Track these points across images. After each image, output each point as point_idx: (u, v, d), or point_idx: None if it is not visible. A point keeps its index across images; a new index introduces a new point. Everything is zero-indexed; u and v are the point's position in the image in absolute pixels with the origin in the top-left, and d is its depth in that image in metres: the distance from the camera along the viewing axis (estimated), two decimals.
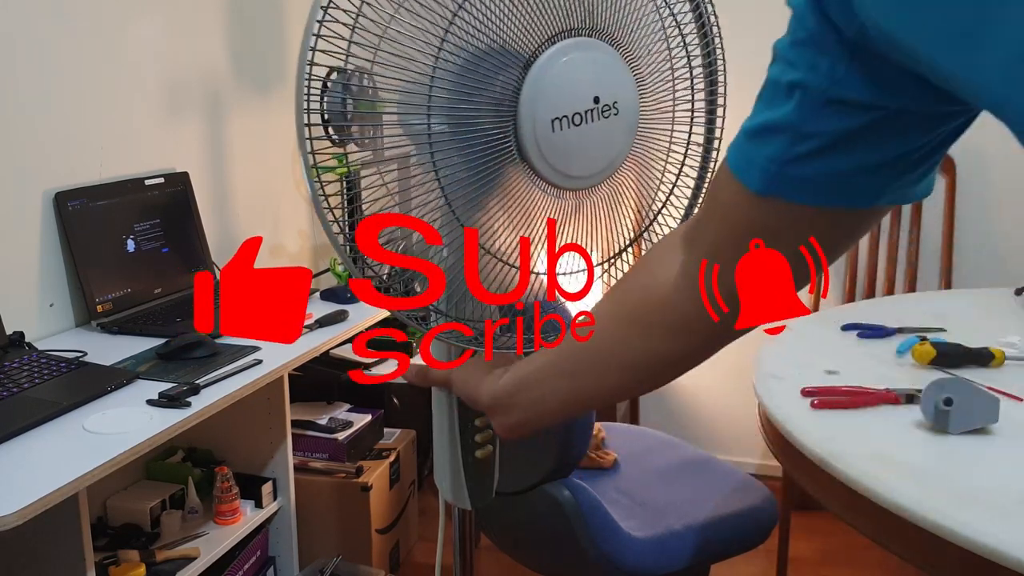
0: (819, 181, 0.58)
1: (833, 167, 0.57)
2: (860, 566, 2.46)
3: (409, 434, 2.49)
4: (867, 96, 0.54)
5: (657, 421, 3.00)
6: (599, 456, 1.86)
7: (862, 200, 0.60)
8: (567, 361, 0.78)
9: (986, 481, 1.13)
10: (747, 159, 0.61)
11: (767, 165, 0.59)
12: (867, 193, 0.60)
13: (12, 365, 1.59)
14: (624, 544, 1.54)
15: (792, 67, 0.57)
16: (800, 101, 0.56)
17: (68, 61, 1.92)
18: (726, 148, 0.66)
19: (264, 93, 2.64)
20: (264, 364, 1.69)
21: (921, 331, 1.70)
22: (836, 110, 0.55)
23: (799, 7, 0.56)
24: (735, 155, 0.62)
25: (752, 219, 0.62)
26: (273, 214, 2.71)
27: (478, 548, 2.50)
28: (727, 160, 0.63)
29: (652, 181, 0.98)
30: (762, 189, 0.60)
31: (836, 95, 0.55)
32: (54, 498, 1.20)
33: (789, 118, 0.57)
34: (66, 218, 1.87)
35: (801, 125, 0.57)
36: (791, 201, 0.60)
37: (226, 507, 1.88)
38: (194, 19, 2.32)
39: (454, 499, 0.98)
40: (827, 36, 0.54)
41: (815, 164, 0.57)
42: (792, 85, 0.57)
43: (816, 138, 0.57)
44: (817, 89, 0.55)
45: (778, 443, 1.38)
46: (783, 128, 0.58)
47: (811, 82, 0.55)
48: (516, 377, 0.81)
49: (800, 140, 0.57)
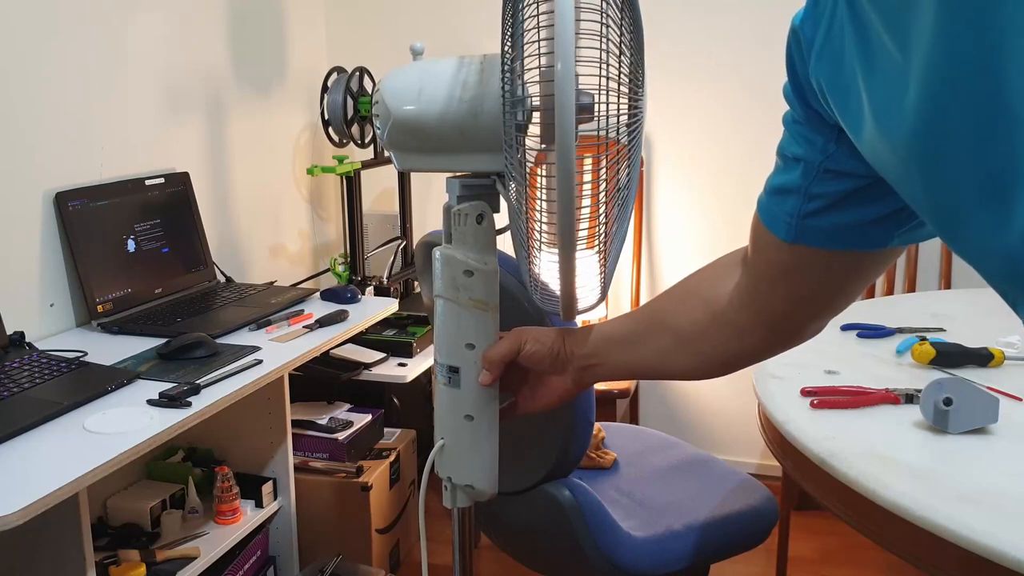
0: (834, 231, 0.70)
1: (842, 220, 0.69)
2: (860, 566, 2.46)
3: (409, 434, 2.49)
4: (856, 168, 0.65)
5: (657, 421, 3.00)
6: (599, 456, 1.86)
7: (874, 244, 0.71)
8: (652, 336, 0.89)
9: (986, 481, 1.13)
10: (772, 214, 0.73)
11: (788, 219, 0.71)
12: (877, 239, 0.70)
13: (12, 365, 1.59)
14: (624, 544, 1.54)
15: (795, 142, 0.69)
16: (804, 170, 0.68)
17: (68, 61, 1.92)
18: None
19: (264, 93, 2.64)
20: (264, 364, 1.69)
21: (921, 331, 1.70)
22: (833, 177, 0.67)
23: (790, 98, 0.67)
24: (764, 210, 0.75)
25: (784, 260, 0.75)
26: (273, 214, 2.71)
27: (478, 548, 2.50)
28: (758, 213, 0.76)
29: None
30: (788, 238, 0.72)
31: (831, 167, 0.67)
32: (54, 498, 1.20)
33: (797, 183, 0.69)
34: (66, 218, 1.87)
35: (808, 188, 0.69)
36: (814, 247, 0.71)
37: (226, 507, 1.89)
38: (194, 19, 2.32)
39: (488, 486, 0.97)
40: (816, 121, 0.65)
41: (827, 218, 0.69)
42: (796, 157, 0.69)
43: (822, 198, 0.68)
44: (815, 162, 0.67)
45: (778, 443, 1.38)
46: (794, 190, 0.70)
47: (809, 157, 0.67)
48: (599, 335, 0.92)
49: (809, 200, 0.69)
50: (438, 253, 0.93)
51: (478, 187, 0.93)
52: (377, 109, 0.93)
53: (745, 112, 2.69)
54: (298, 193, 2.85)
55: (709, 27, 2.69)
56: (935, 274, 2.64)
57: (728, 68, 2.70)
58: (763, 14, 2.64)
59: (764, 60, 2.64)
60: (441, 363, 0.95)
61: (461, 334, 0.93)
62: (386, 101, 0.92)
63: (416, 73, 0.93)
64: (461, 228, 0.92)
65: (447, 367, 0.94)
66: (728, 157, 2.74)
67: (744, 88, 2.68)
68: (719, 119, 2.74)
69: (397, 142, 0.94)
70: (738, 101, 2.69)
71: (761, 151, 2.68)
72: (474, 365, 0.93)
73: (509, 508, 1.61)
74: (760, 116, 2.67)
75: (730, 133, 2.72)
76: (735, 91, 2.69)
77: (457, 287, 0.92)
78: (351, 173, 2.52)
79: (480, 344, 0.93)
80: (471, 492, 0.98)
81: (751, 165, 2.71)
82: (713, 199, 2.79)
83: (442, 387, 0.96)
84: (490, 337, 0.94)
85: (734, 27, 2.67)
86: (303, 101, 2.84)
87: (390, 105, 0.91)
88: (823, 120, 0.64)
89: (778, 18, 2.62)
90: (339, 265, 2.61)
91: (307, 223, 2.91)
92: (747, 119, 2.69)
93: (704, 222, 2.82)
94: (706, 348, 0.86)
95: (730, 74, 2.70)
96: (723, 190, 2.77)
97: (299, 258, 2.87)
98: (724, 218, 2.79)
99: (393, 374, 2.34)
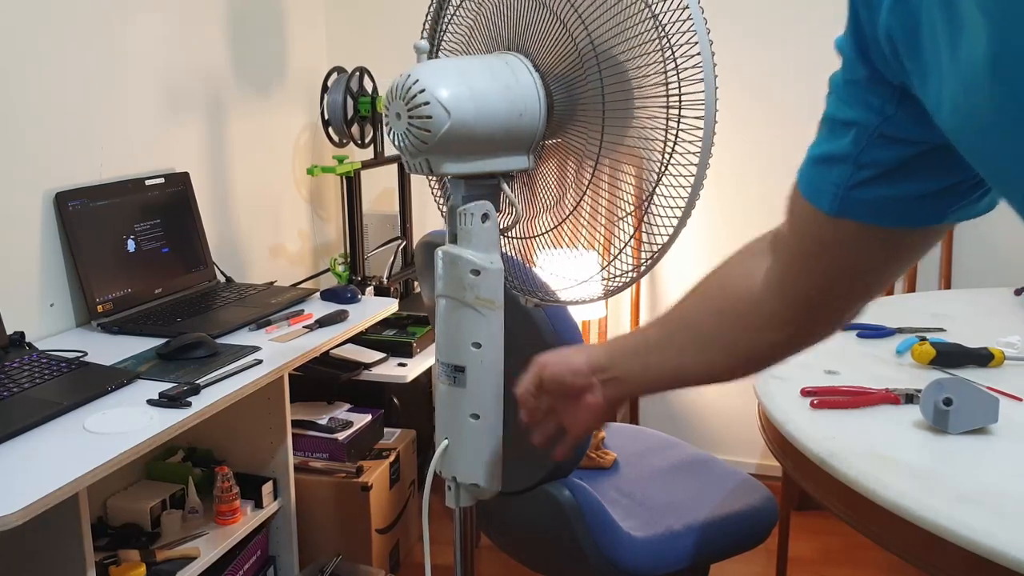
0: (883, 204, 0.64)
1: (894, 192, 0.63)
2: (860, 566, 2.46)
3: (409, 434, 2.49)
4: (916, 134, 0.59)
5: (657, 421, 3.00)
6: (599, 456, 1.86)
7: (925, 220, 0.65)
8: (670, 339, 0.85)
9: (986, 481, 1.13)
10: (816, 185, 0.67)
11: (835, 190, 0.65)
12: (930, 214, 0.65)
13: (13, 365, 1.59)
14: (624, 544, 1.54)
15: (847, 105, 0.62)
16: (856, 136, 0.62)
17: (68, 61, 1.92)
18: None
19: (264, 93, 2.64)
20: (264, 364, 1.69)
21: (921, 331, 1.70)
22: (888, 143, 0.61)
23: (848, 55, 0.60)
24: (805, 180, 0.68)
25: (824, 236, 0.68)
26: (273, 214, 2.71)
27: (478, 548, 2.50)
28: (797, 184, 0.69)
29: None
30: (832, 210, 0.65)
31: (888, 131, 0.60)
32: (54, 498, 1.20)
33: (848, 149, 0.63)
34: (66, 218, 1.87)
35: (859, 156, 0.62)
36: (860, 221, 0.65)
37: (226, 507, 1.88)
38: (194, 19, 2.32)
39: (493, 484, 0.97)
40: (876, 80, 0.59)
41: (877, 189, 0.63)
42: (848, 122, 0.62)
43: (873, 167, 0.62)
44: (870, 126, 0.61)
45: (778, 443, 1.38)
46: (843, 158, 0.63)
47: (864, 120, 0.61)
48: (614, 348, 0.89)
49: (859, 168, 0.63)
50: (442, 253, 0.93)
51: (482, 187, 0.93)
52: (427, 111, 0.88)
53: (745, 112, 2.69)
54: (298, 193, 2.85)
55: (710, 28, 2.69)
56: (935, 274, 2.64)
57: (729, 68, 2.71)
58: (763, 15, 2.64)
59: (765, 60, 2.64)
60: (445, 363, 0.95)
61: (467, 333, 0.93)
62: (443, 103, 0.87)
63: (454, 74, 0.89)
64: (466, 227, 0.92)
65: (452, 366, 0.94)
66: (728, 157, 2.74)
67: (744, 88, 2.68)
68: (719, 119, 2.73)
69: (445, 146, 0.90)
70: (738, 101, 2.69)
71: (761, 151, 2.68)
72: (480, 364, 0.93)
73: (509, 508, 1.61)
74: (759, 116, 2.67)
75: (730, 133, 2.72)
76: (735, 91, 2.69)
77: (464, 286, 0.92)
78: (351, 173, 2.52)
79: (486, 343, 0.93)
80: (475, 491, 0.98)
81: (751, 165, 2.71)
82: (713, 199, 2.79)
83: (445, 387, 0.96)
84: (497, 336, 0.94)
85: (735, 28, 2.67)
86: (303, 101, 2.84)
87: (449, 107, 0.88)
88: (884, 79, 0.58)
89: (777, 19, 2.62)
90: (339, 265, 2.61)
91: (307, 223, 2.91)
92: (747, 119, 2.69)
93: (704, 222, 2.82)
94: (731, 343, 0.81)
95: (730, 74, 2.70)
96: (723, 190, 2.77)
97: (299, 258, 2.87)
98: (724, 218, 2.79)
99: (393, 374, 2.34)
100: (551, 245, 1.03)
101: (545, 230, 1.02)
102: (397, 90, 0.90)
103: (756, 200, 2.73)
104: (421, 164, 0.93)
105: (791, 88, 2.63)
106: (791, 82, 2.63)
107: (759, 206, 2.73)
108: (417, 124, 0.88)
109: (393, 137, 0.93)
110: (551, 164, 1.03)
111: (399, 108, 0.90)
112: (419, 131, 0.89)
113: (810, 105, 2.57)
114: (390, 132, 0.93)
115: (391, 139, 0.94)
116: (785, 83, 2.63)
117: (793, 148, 2.57)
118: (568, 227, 0.96)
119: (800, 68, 2.61)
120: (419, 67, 0.91)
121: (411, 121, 0.89)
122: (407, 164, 0.95)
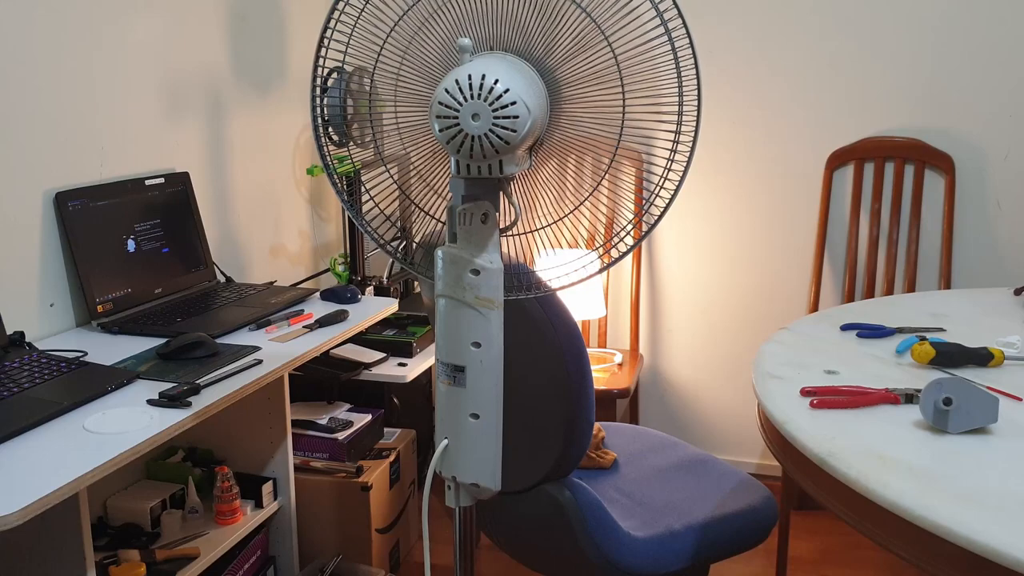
0: None
1: None
2: (860, 566, 2.46)
3: (409, 434, 2.49)
4: None
5: (657, 421, 3.00)
6: (599, 456, 1.86)
7: None
8: None
9: (986, 481, 1.13)
10: None
11: None
12: None
13: (12, 365, 1.59)
14: (624, 544, 1.54)
15: None
16: None
17: (68, 61, 1.92)
18: None
19: (264, 93, 2.64)
20: (264, 364, 1.69)
21: (920, 331, 1.70)
22: None
23: None
24: None
25: None
26: (273, 214, 2.71)
27: (478, 548, 2.50)
28: None
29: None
30: None
31: None
32: (54, 498, 1.20)
33: None
34: (66, 218, 1.87)
35: None
36: None
37: (226, 507, 1.89)
38: (194, 19, 2.32)
39: (493, 483, 0.97)
40: None
41: None
42: None
43: None
44: None
45: (778, 443, 1.38)
46: None
47: None
48: None
49: None
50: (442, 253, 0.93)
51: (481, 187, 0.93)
52: (514, 111, 0.86)
53: (744, 113, 2.69)
54: (298, 193, 2.85)
55: (710, 29, 2.70)
56: (935, 274, 2.64)
57: (727, 71, 2.71)
58: (762, 17, 2.64)
59: (763, 62, 2.64)
60: (445, 363, 0.95)
61: (467, 333, 0.93)
62: (526, 102, 0.86)
63: (511, 73, 0.87)
64: (467, 227, 0.92)
65: (452, 366, 0.94)
66: (727, 157, 2.74)
67: (743, 90, 2.68)
68: (718, 120, 2.74)
69: (520, 145, 0.89)
70: (737, 102, 2.69)
71: (759, 152, 2.68)
72: (480, 364, 0.93)
73: (509, 508, 1.61)
74: (758, 117, 2.67)
75: (729, 133, 2.72)
76: (734, 93, 2.69)
77: (464, 286, 0.92)
78: (351, 173, 2.52)
79: (486, 343, 0.93)
80: (475, 490, 0.98)
81: (750, 165, 2.71)
82: (713, 198, 2.79)
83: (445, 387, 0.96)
84: (496, 336, 0.94)
85: (734, 30, 2.67)
86: (303, 101, 2.84)
87: (530, 105, 0.87)
88: None
89: (777, 20, 2.62)
90: (339, 265, 2.61)
91: (307, 223, 2.91)
92: (746, 119, 2.69)
93: (704, 221, 2.82)
94: None
95: (730, 76, 2.70)
96: (723, 189, 2.77)
97: (299, 258, 2.87)
98: (724, 217, 2.79)
99: (393, 374, 2.34)
100: (551, 245, 1.04)
101: (543, 225, 1.02)
102: (472, 90, 0.86)
103: (754, 199, 2.74)
104: (493, 166, 0.90)
105: (790, 83, 2.63)
106: (790, 78, 2.63)
107: (756, 201, 2.73)
108: (503, 124, 0.86)
109: (460, 140, 0.87)
110: (551, 164, 1.03)
111: (478, 108, 0.86)
112: (504, 131, 0.87)
113: (805, 102, 2.57)
114: (454, 135, 0.88)
115: (452, 142, 0.87)
116: (784, 78, 2.64)
117: (789, 140, 2.57)
118: (568, 223, 0.96)
119: (798, 64, 2.61)
120: (487, 66, 0.87)
121: (496, 121, 0.87)
122: (468, 167, 0.89)
